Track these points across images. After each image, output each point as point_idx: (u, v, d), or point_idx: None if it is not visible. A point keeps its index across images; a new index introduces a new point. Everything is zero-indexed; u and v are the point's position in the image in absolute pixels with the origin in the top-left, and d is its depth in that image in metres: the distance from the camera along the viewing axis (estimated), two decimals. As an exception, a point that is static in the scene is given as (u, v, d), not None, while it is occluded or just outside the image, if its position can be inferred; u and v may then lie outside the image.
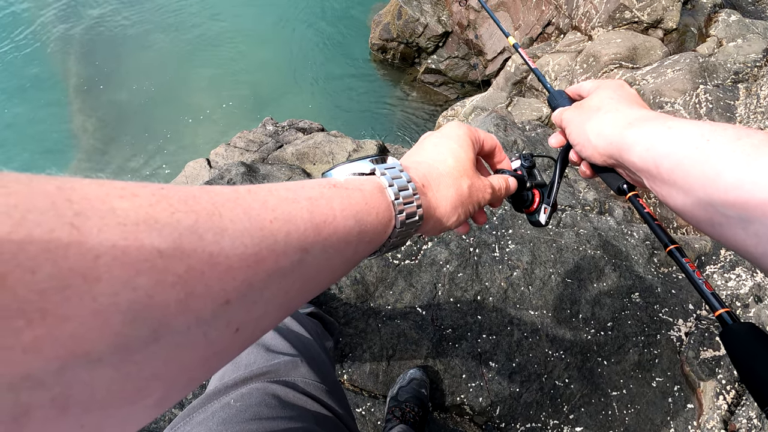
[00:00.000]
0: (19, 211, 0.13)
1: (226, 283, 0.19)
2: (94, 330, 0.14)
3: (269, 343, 0.72)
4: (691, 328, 1.54)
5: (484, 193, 0.43)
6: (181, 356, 0.18)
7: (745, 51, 2.55)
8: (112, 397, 0.15)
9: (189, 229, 0.18)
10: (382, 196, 0.31)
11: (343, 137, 1.77)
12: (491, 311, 1.39)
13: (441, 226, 0.39)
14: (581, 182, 1.97)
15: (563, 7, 3.27)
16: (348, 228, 0.27)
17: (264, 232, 0.21)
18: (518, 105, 3.01)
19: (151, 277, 0.16)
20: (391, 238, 0.33)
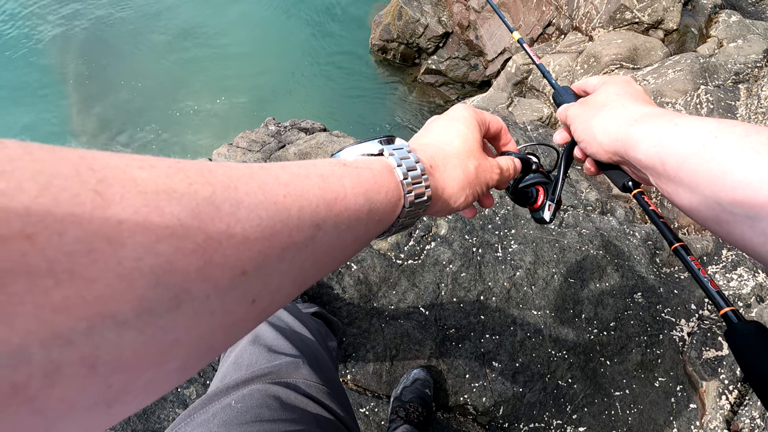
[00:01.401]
0: (45, 176, 0.14)
1: (243, 254, 0.19)
2: (120, 293, 0.15)
3: (271, 343, 0.72)
4: (693, 329, 1.54)
5: (492, 173, 0.42)
6: (202, 323, 0.18)
7: (745, 52, 2.56)
8: (137, 359, 0.16)
9: (206, 200, 0.18)
10: (391, 176, 0.31)
11: (346, 137, 1.76)
12: (494, 311, 1.39)
13: (449, 207, 0.39)
14: (583, 182, 1.97)
15: (564, 7, 3.28)
16: (359, 205, 0.27)
17: (278, 207, 0.21)
18: (519, 105, 3.01)
19: (172, 244, 0.16)
20: (400, 218, 0.33)
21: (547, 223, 0.52)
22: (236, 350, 0.73)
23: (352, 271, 1.36)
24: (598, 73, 2.83)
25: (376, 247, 1.42)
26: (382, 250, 1.43)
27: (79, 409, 0.15)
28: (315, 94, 4.76)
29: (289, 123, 1.81)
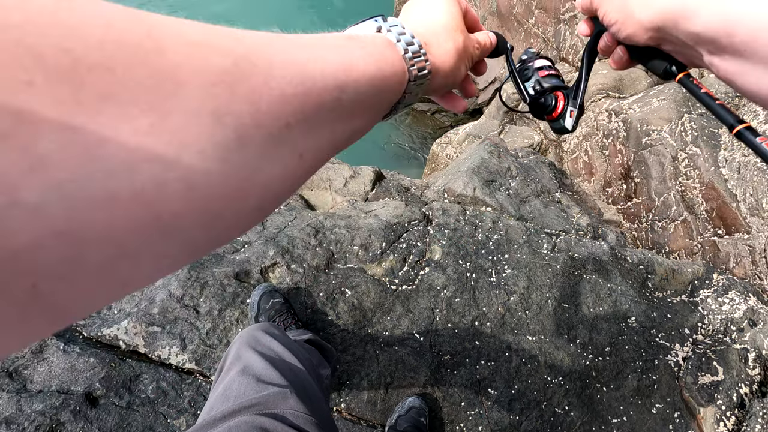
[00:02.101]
0: (105, 18, 0.15)
1: (284, 107, 0.20)
2: (194, 126, 0.16)
3: (260, 373, 0.72)
4: (688, 353, 1.54)
5: (474, 48, 0.43)
6: (264, 168, 0.20)
7: (725, 82, 2.66)
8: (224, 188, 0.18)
9: (243, 56, 0.19)
10: (393, 51, 0.31)
11: (340, 164, 1.80)
12: (489, 337, 1.39)
13: (447, 81, 0.39)
14: (574, 207, 2.01)
15: (551, 39, 3.41)
16: (372, 73, 0.28)
17: (304, 68, 0.22)
18: (510, 132, 3.09)
19: (225, 89, 0.18)
20: (405, 92, 0.33)
21: (569, 131, 0.47)
22: (225, 380, 0.73)
23: (346, 296, 1.36)
24: (586, 101, 2.92)
25: (370, 273, 1.43)
26: (377, 275, 1.43)
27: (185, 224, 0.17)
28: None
29: (285, 150, 1.84)
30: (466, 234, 1.56)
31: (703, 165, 2.25)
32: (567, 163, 2.96)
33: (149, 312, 1.20)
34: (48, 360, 1.10)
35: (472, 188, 1.76)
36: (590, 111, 2.86)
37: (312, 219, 1.50)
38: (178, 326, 1.19)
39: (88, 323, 1.22)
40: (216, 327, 1.21)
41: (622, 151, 2.62)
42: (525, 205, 1.81)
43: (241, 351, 0.78)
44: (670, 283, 1.74)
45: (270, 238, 1.43)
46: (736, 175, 2.20)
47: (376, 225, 1.50)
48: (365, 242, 1.46)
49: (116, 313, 1.25)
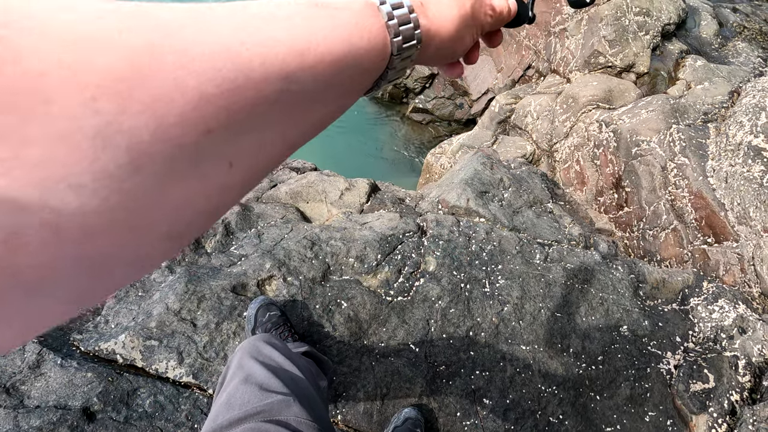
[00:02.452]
0: None
1: (203, 111, 0.17)
2: (66, 155, 0.13)
3: (262, 381, 0.73)
4: (679, 361, 1.57)
5: (486, 15, 0.37)
6: (175, 188, 0.17)
7: (712, 93, 2.72)
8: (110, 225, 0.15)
9: (145, 50, 0.15)
10: (374, 17, 0.27)
11: (336, 176, 1.82)
12: (484, 347, 1.41)
13: (444, 53, 0.34)
14: (566, 217, 2.04)
15: (542, 52, 3.48)
16: (338, 54, 0.23)
17: (236, 58, 0.18)
18: (503, 143, 3.13)
19: (113, 101, 0.14)
20: (389, 68, 0.28)
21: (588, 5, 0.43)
22: (228, 389, 0.74)
23: (342, 308, 1.37)
24: (577, 112, 2.97)
25: (365, 284, 1.45)
26: (372, 287, 1.45)
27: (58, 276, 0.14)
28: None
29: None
30: (460, 245, 1.58)
31: (692, 175, 2.30)
32: (559, 172, 3.00)
33: (147, 326, 1.21)
34: (45, 375, 1.11)
35: (465, 199, 1.79)
36: (581, 122, 2.92)
37: (308, 231, 1.52)
38: (175, 340, 1.20)
39: (86, 337, 1.23)
40: (213, 340, 1.22)
41: (612, 161, 2.66)
42: (518, 216, 1.84)
43: (243, 361, 0.79)
44: (661, 292, 1.77)
45: (266, 251, 1.44)
46: (723, 185, 2.25)
47: (371, 237, 1.52)
48: (361, 254, 1.48)
49: (113, 327, 1.25)
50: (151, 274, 1.38)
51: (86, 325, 1.26)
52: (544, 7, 3.38)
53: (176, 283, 1.30)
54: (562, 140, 3.02)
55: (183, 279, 1.30)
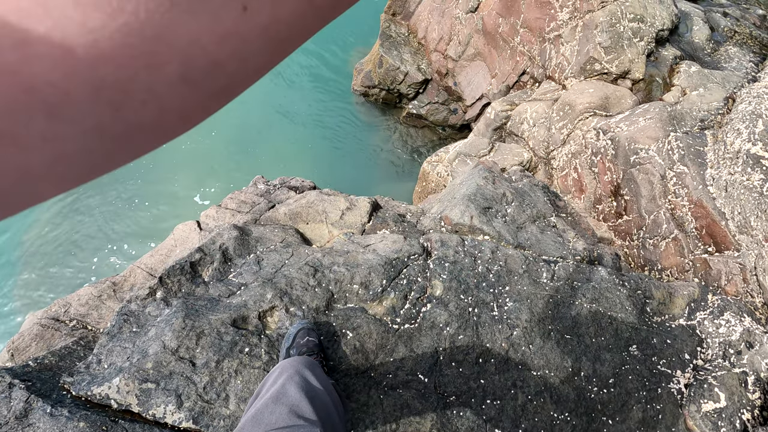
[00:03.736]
0: None
1: None
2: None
3: (294, 404, 0.74)
4: (689, 380, 1.54)
5: None
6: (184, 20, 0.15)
7: (707, 99, 2.73)
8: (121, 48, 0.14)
9: None
10: None
11: (336, 195, 1.76)
12: (494, 374, 1.37)
13: None
14: (570, 231, 2.01)
15: (537, 58, 3.46)
16: None
17: None
18: (500, 150, 3.10)
19: None
20: None
21: None
22: (259, 405, 0.75)
23: (348, 339, 1.32)
24: (573, 119, 2.95)
25: (371, 312, 1.39)
26: (378, 314, 1.40)
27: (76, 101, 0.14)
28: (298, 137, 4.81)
29: (278, 181, 1.80)
30: (466, 266, 1.54)
31: (691, 183, 2.29)
32: (557, 180, 2.98)
33: (142, 367, 1.14)
34: (34, 426, 1.04)
35: (469, 217, 1.75)
36: (578, 129, 2.90)
37: (309, 257, 1.46)
38: (173, 381, 1.13)
39: (77, 380, 1.15)
40: (214, 380, 1.15)
41: (611, 168, 2.65)
42: (522, 232, 1.81)
43: (281, 379, 0.80)
44: (668, 307, 1.75)
45: (267, 279, 1.38)
46: (723, 194, 2.24)
47: (375, 261, 1.47)
48: (365, 280, 1.42)
49: (107, 368, 1.18)
50: (146, 307, 1.32)
51: (77, 365, 1.19)
52: (539, 13, 3.36)
53: (173, 318, 1.23)
54: (559, 147, 3.00)
55: (180, 313, 1.24)
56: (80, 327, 1.56)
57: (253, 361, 1.20)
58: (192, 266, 1.41)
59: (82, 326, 1.56)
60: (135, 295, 1.31)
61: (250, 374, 1.18)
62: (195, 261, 1.41)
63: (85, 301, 1.58)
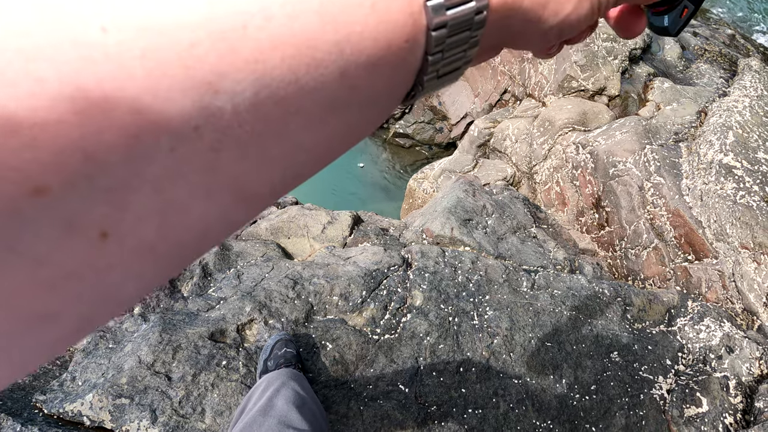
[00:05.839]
0: None
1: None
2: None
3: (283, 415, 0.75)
4: (671, 385, 1.55)
5: None
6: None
7: (680, 113, 2.82)
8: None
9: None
10: None
11: (318, 209, 1.79)
12: (475, 383, 1.36)
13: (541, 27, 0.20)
14: (550, 241, 2.04)
15: (517, 77, 3.57)
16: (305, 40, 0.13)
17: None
18: (484, 166, 3.16)
19: None
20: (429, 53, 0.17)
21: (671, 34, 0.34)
22: (246, 419, 0.75)
23: (327, 350, 1.31)
24: (554, 134, 3.03)
25: (351, 323, 1.40)
26: (358, 325, 1.40)
27: None
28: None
29: (261, 197, 1.82)
30: (446, 276, 1.56)
31: (668, 193, 2.35)
32: (540, 194, 3.03)
33: (117, 382, 1.13)
34: (3, 445, 1.01)
35: (449, 228, 1.78)
36: (559, 144, 2.97)
37: (290, 269, 1.47)
38: (148, 396, 1.12)
39: (49, 398, 1.13)
40: (190, 394, 1.14)
41: (591, 181, 2.71)
42: (502, 243, 1.83)
43: (267, 392, 0.81)
44: (648, 314, 1.77)
45: (246, 293, 1.38)
46: (699, 203, 2.29)
47: (355, 273, 1.48)
48: (345, 291, 1.43)
49: (80, 385, 1.17)
50: (123, 323, 1.31)
51: (51, 383, 1.17)
52: (516, 34, 3.49)
53: (150, 333, 1.23)
54: (541, 162, 3.07)
55: (157, 327, 1.23)
56: (58, 347, 1.54)
57: (231, 374, 1.19)
58: (171, 281, 1.41)
59: (60, 346, 1.54)
60: (112, 310, 1.30)
61: (227, 387, 1.17)
62: (174, 276, 1.41)
63: (64, 321, 1.56)
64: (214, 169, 0.13)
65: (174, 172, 0.12)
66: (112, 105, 0.11)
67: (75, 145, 0.11)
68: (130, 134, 0.11)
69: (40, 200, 0.10)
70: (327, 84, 0.14)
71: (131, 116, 0.11)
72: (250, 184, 0.14)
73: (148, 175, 0.12)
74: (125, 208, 0.12)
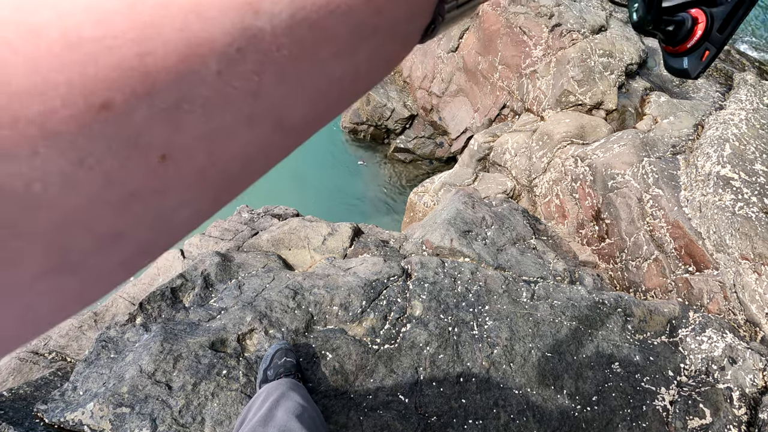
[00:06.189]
0: None
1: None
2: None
3: (283, 425, 0.76)
4: (674, 396, 1.54)
5: None
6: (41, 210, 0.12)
7: (678, 127, 2.86)
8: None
9: None
10: None
11: (318, 221, 1.81)
12: (475, 393, 1.36)
13: None
14: (549, 253, 2.05)
15: (515, 92, 3.63)
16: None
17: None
18: (484, 180, 3.19)
19: None
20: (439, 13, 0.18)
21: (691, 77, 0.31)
22: (245, 430, 0.76)
23: (327, 360, 1.32)
24: (552, 148, 3.07)
25: (351, 333, 1.40)
26: (358, 335, 1.40)
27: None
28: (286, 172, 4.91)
29: (262, 210, 1.85)
30: (445, 287, 1.56)
31: (667, 205, 2.36)
32: (540, 207, 3.05)
33: (118, 391, 1.13)
34: (3, 454, 1.02)
35: (449, 240, 1.79)
36: (557, 157, 3.01)
37: (290, 280, 1.48)
38: (148, 405, 1.12)
39: (50, 407, 1.14)
40: (190, 403, 1.15)
41: (590, 194, 2.73)
42: (502, 254, 1.84)
43: (267, 402, 0.81)
44: (649, 325, 1.76)
45: (247, 303, 1.40)
46: (698, 214, 2.31)
47: (355, 283, 1.49)
48: (345, 302, 1.44)
49: (82, 395, 1.17)
50: (125, 333, 1.32)
51: (52, 393, 1.18)
52: (515, 51, 3.56)
53: (151, 343, 1.24)
54: (540, 175, 3.10)
55: (158, 337, 1.24)
56: (59, 359, 1.55)
57: (231, 384, 1.19)
58: (173, 292, 1.42)
59: (61, 358, 1.55)
60: (114, 321, 1.31)
61: (227, 396, 1.17)
62: (176, 287, 1.43)
63: (66, 333, 1.58)
64: (256, 94, 0.14)
65: (221, 96, 0.13)
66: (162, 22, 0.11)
67: (132, 61, 0.11)
68: (181, 53, 0.12)
69: (107, 115, 0.11)
70: (355, 7, 0.15)
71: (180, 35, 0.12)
72: (287, 113, 0.15)
73: (198, 98, 0.12)
74: (181, 130, 0.13)
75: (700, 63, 0.31)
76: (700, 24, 0.30)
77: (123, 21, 0.11)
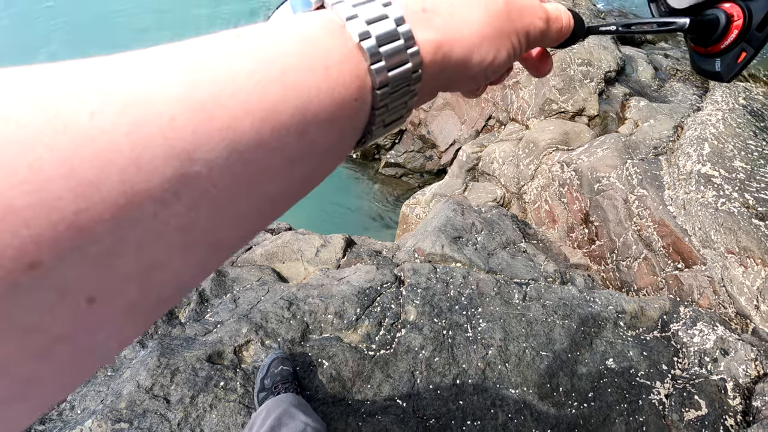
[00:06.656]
0: None
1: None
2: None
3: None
4: (669, 390, 1.55)
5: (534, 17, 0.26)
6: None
7: (658, 129, 2.94)
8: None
9: None
10: (337, 37, 0.18)
11: (311, 234, 1.84)
12: (472, 394, 1.37)
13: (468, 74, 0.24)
14: (540, 255, 2.09)
15: (500, 103, 3.73)
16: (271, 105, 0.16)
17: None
18: (474, 189, 3.25)
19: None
20: (376, 108, 0.20)
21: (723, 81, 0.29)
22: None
23: (324, 368, 1.33)
24: (539, 155, 3.14)
25: (346, 341, 1.42)
26: (353, 342, 1.42)
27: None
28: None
29: (256, 225, 1.87)
30: (438, 292, 1.59)
31: (652, 205, 2.42)
32: (530, 213, 3.10)
33: (116, 407, 1.14)
34: (1, 475, 1.01)
35: (440, 246, 1.83)
36: (544, 164, 3.07)
37: (285, 291, 1.50)
38: (147, 420, 1.13)
39: (48, 428, 1.14)
40: (188, 416, 1.15)
41: (578, 198, 2.78)
42: (493, 258, 1.88)
43: (269, 420, 0.81)
44: (641, 321, 1.79)
45: (243, 315, 1.41)
46: (682, 212, 2.36)
47: (349, 291, 1.51)
48: (339, 310, 1.46)
49: (80, 413, 1.17)
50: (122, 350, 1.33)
51: (50, 413, 1.18)
52: (497, 64, 3.66)
53: (148, 358, 1.25)
54: (528, 182, 3.16)
55: (155, 353, 1.25)
56: (56, 382, 1.54)
57: (229, 395, 1.20)
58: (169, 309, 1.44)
59: (58, 381, 1.54)
60: (111, 338, 1.32)
61: (225, 408, 1.18)
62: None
63: (62, 355, 1.57)
64: (190, 227, 0.15)
65: (155, 234, 0.14)
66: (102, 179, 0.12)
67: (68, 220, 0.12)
68: (118, 204, 0.13)
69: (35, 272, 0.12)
70: (289, 143, 0.16)
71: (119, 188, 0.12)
72: (222, 237, 0.16)
73: (131, 240, 0.13)
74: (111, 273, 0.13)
75: (735, 65, 0.28)
76: (737, 21, 0.27)
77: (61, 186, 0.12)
